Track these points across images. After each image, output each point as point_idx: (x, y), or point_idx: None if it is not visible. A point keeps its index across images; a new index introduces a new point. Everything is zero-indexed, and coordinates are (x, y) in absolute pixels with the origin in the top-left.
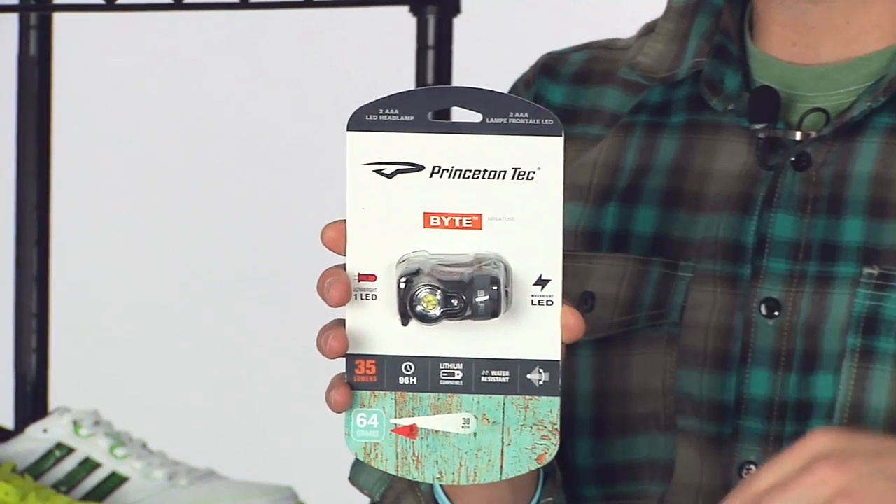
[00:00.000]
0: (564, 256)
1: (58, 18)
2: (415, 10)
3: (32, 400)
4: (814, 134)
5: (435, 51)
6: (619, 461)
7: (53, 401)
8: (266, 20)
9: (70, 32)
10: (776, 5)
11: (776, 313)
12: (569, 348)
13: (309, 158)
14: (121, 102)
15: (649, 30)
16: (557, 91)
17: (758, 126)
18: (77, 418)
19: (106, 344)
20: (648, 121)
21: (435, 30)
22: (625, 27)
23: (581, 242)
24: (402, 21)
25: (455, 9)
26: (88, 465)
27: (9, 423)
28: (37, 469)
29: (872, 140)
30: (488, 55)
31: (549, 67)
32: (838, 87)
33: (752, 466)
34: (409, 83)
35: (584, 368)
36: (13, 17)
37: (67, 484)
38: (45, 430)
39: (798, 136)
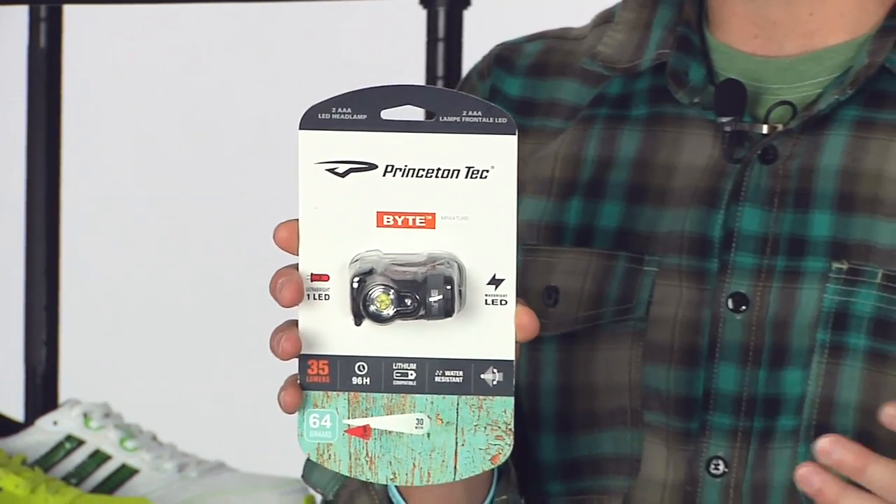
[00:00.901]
0: (527, 250)
1: (67, 11)
2: (425, 3)
3: (42, 392)
4: (780, 127)
5: (445, 43)
6: (585, 456)
7: (63, 393)
8: (276, 12)
9: (80, 24)
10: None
11: (743, 308)
12: (533, 343)
13: None
14: (130, 95)
15: (605, 19)
16: (514, 83)
17: (724, 119)
18: (87, 411)
19: (116, 337)
20: (609, 113)
21: (445, 22)
22: None
23: (544, 237)
24: (413, 14)
25: (465, 1)
26: (98, 458)
27: (19, 415)
28: (47, 461)
29: (840, 133)
30: None
31: (503, 59)
32: (803, 79)
33: (720, 462)
34: (419, 76)
35: (548, 364)
36: (23, 10)
37: (77, 476)
38: (55, 423)
39: (765, 129)
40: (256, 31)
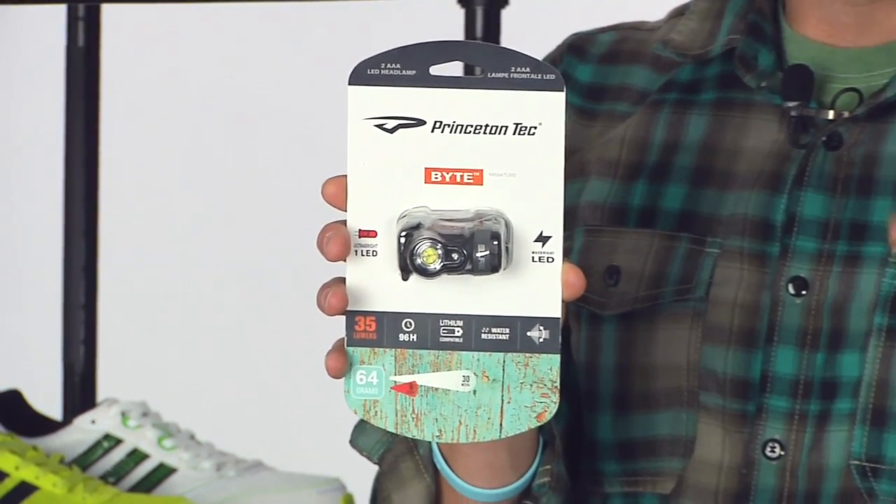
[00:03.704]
0: (590, 230)
1: (105, 9)
2: (463, 2)
3: (80, 391)
4: (847, 114)
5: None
6: (640, 437)
7: (101, 392)
8: (314, 12)
9: (118, 23)
10: (812, 2)
11: (804, 292)
12: (593, 323)
13: None
14: (168, 93)
15: (679, 13)
16: (585, 70)
17: (791, 104)
18: (125, 409)
19: (154, 336)
20: (678, 98)
21: (483, 22)
22: None
23: (607, 218)
24: (451, 13)
25: (503, 0)
26: (136, 456)
27: (57, 414)
28: (85, 460)
29: None
30: (536, 47)
31: (576, 47)
32: (872, 69)
33: (777, 444)
34: (457, 73)
35: (607, 343)
36: (61, 9)
37: (115, 475)
38: (93, 422)
39: (831, 115)
40: (293, 31)
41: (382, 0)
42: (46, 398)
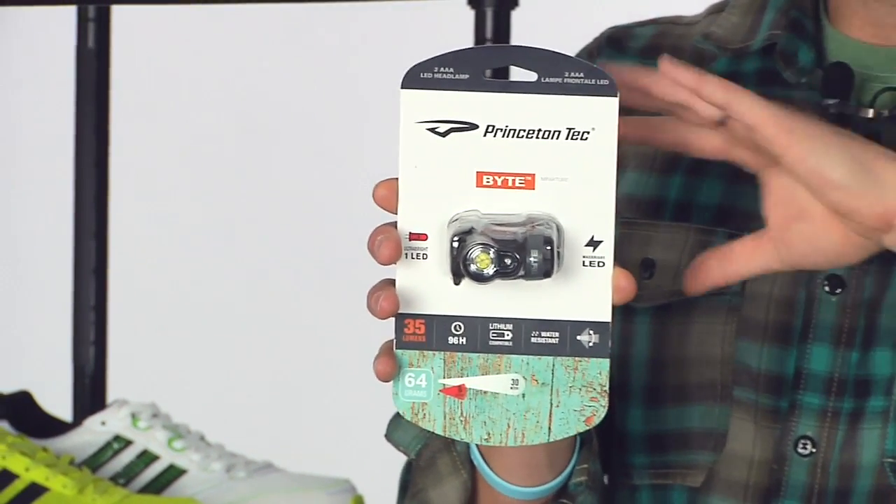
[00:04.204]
0: (625, 223)
1: (115, 11)
2: (473, 4)
3: (91, 392)
4: (886, 113)
5: (493, 44)
6: (672, 430)
7: (111, 393)
8: (324, 13)
9: (128, 25)
10: (858, 2)
11: (839, 290)
12: (626, 315)
13: (366, 151)
14: (178, 95)
15: (718, 9)
16: (626, 64)
17: (830, 101)
18: (135, 411)
19: (164, 337)
20: None
21: (493, 23)
22: None
23: (643, 210)
24: (461, 14)
25: (513, 2)
26: (146, 458)
27: (67, 415)
28: (95, 461)
29: None
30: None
31: (615, 40)
32: None
33: (809, 441)
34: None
35: (641, 336)
36: (71, 10)
37: (125, 476)
38: (103, 423)
39: (870, 113)
40: (304, 33)
41: (393, 1)
42: (56, 399)
